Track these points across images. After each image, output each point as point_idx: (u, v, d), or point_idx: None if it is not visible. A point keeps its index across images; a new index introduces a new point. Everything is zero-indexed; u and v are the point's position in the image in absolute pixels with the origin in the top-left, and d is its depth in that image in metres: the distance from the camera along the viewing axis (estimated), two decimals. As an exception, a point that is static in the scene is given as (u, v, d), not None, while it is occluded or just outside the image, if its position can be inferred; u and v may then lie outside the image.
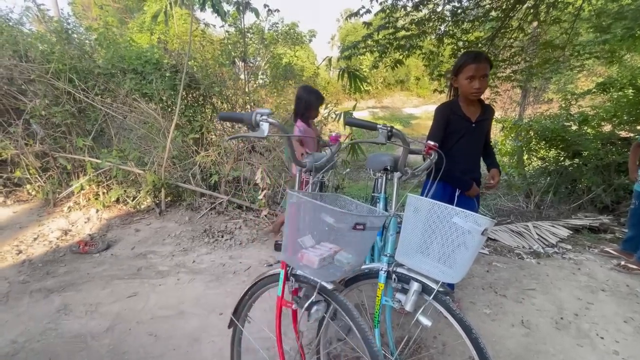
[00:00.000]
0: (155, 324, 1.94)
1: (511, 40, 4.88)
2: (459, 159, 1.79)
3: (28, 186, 3.70)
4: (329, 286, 1.11)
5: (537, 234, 3.46)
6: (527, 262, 2.87)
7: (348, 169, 5.64)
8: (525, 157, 5.71)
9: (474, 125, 1.80)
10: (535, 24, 5.19)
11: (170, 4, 4.06)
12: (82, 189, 3.58)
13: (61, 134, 3.77)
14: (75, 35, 4.24)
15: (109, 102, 3.88)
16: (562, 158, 5.01)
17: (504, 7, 4.37)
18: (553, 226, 3.64)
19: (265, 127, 1.03)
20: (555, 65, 5.15)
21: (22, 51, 3.62)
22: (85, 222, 3.34)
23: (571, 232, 3.53)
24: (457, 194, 1.86)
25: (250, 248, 2.97)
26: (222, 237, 3.15)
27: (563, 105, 5.38)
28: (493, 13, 4.55)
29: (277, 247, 2.15)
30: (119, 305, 2.12)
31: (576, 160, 4.84)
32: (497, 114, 7.14)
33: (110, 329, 1.90)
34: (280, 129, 1.10)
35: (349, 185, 6.08)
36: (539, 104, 10.03)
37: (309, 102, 2.52)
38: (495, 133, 9.03)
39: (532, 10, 4.51)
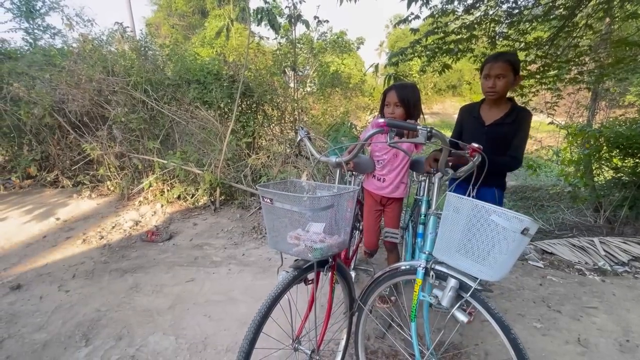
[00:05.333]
0: (209, 307, 2.15)
1: (577, 40, 4.49)
2: None
3: (108, 182, 4.29)
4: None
5: (604, 250, 3.13)
6: (589, 278, 2.61)
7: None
8: (595, 166, 5.14)
9: (485, 128, 1.76)
10: (607, 20, 4.71)
11: (232, 20, 4.45)
12: (150, 185, 4.06)
13: (135, 137, 4.32)
14: (150, 52, 4.84)
15: (174, 109, 4.36)
16: (642, 168, 4.44)
17: (567, 4, 4.06)
18: (625, 242, 3.26)
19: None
20: (632, 65, 4.61)
21: (110, 67, 4.24)
22: (152, 215, 3.77)
23: (648, 251, 3.13)
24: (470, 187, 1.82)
25: (294, 246, 3.12)
26: (269, 234, 3.35)
27: (642, 109, 4.79)
28: (556, 11, 4.23)
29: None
30: (179, 288, 2.38)
31: (660, 171, 4.27)
32: (561, 120, 6.50)
33: (172, 307, 2.16)
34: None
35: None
36: (613, 109, 8.91)
37: None
38: (559, 140, 8.22)
39: (602, 6, 4.12)
